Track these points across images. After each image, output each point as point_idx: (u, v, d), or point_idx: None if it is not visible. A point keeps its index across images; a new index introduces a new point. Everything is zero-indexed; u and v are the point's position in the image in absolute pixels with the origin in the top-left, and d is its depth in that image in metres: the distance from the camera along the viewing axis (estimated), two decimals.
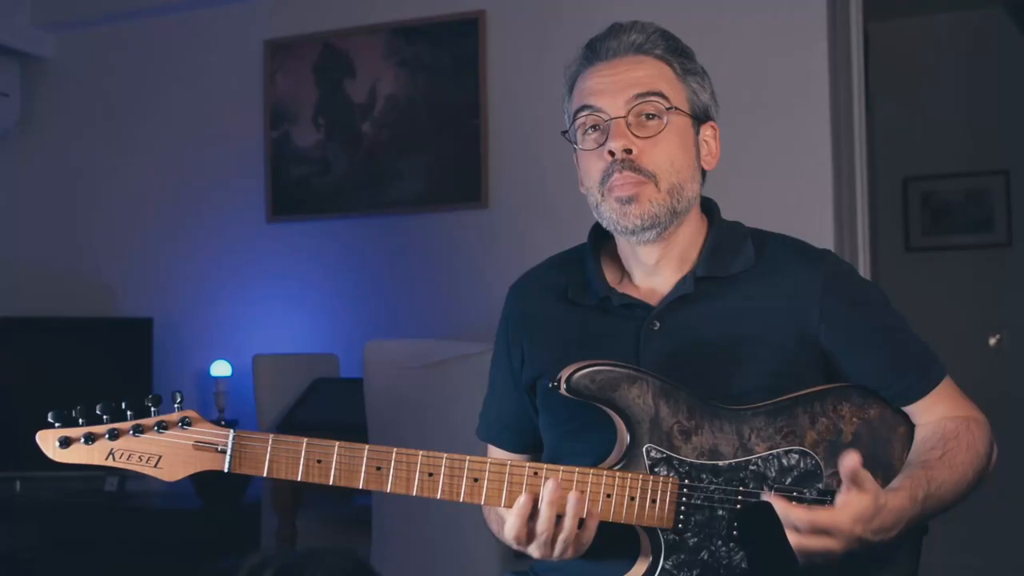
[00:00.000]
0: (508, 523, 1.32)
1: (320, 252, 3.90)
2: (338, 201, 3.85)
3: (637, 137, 1.41)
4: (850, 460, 1.24)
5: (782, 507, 1.26)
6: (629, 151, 1.41)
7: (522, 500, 1.30)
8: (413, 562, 2.61)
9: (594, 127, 1.44)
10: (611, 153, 1.41)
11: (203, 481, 3.63)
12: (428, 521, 2.58)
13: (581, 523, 1.31)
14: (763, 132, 3.28)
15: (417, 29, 3.76)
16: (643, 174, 1.41)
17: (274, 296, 3.95)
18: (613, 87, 1.43)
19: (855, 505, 1.25)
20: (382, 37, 3.81)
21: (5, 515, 3.81)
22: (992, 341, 4.60)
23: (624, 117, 1.42)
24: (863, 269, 3.43)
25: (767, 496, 1.29)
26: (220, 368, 3.85)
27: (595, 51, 1.47)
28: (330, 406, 3.27)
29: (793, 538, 1.25)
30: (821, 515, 1.25)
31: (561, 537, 1.30)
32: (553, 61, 3.48)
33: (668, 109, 1.43)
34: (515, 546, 1.36)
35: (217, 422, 1.37)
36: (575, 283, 1.53)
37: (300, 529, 3.15)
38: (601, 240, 1.56)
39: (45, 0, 4.26)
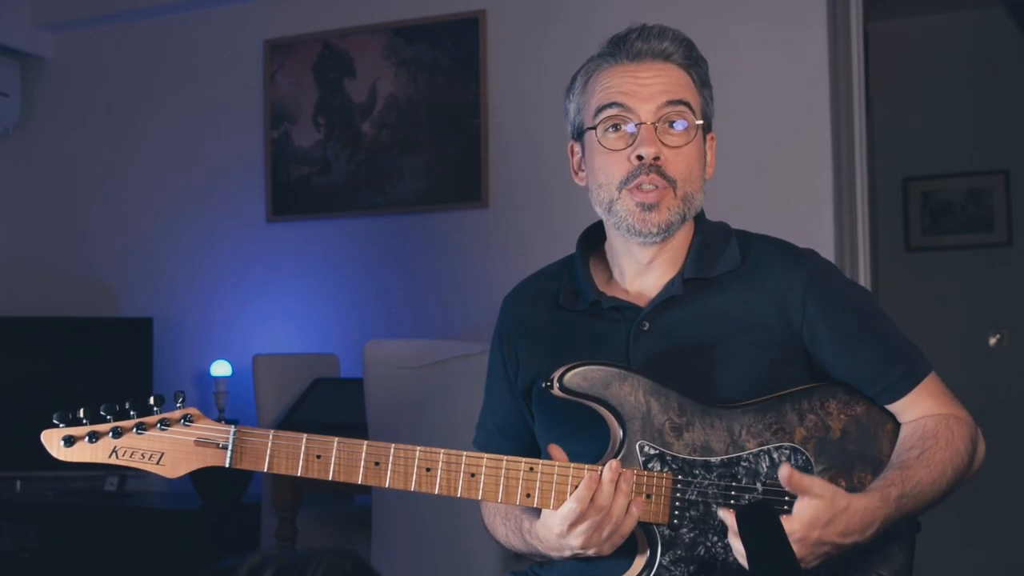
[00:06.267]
0: (566, 506, 1.31)
1: (320, 252, 3.90)
2: (338, 201, 3.85)
3: (664, 145, 1.44)
4: (783, 473, 1.28)
5: (731, 520, 1.28)
6: (657, 158, 1.43)
7: (585, 481, 1.31)
8: (413, 562, 2.61)
9: (616, 126, 1.46)
10: (639, 158, 1.43)
11: (203, 481, 3.63)
12: (428, 521, 2.58)
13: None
14: (763, 132, 3.28)
15: (417, 29, 3.76)
16: (666, 179, 1.44)
17: (274, 296, 3.95)
18: (645, 91, 1.45)
19: (807, 511, 1.28)
20: (382, 37, 3.81)
21: (5, 515, 3.81)
22: (992, 341, 4.60)
23: (654, 123, 1.44)
24: (863, 269, 3.43)
25: (722, 512, 1.30)
26: (220, 368, 3.85)
27: (622, 49, 1.48)
28: (330, 406, 3.27)
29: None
30: None
31: (612, 521, 1.31)
32: (553, 61, 3.51)
33: (693, 121, 1.46)
34: (550, 539, 1.37)
35: (217, 422, 1.38)
36: (565, 290, 1.55)
37: (300, 529, 3.15)
38: (588, 247, 1.59)
39: (45, 0, 4.26)
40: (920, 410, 1.45)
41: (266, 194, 3.97)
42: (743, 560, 1.27)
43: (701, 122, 1.48)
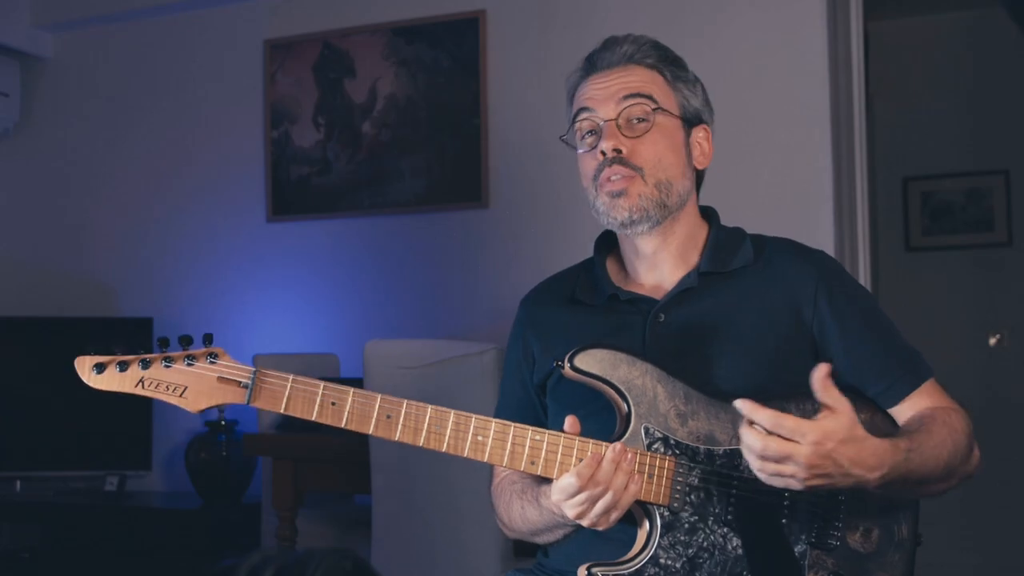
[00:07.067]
0: (565, 478, 1.33)
1: (320, 252, 3.90)
2: (338, 201, 3.85)
3: (627, 137, 1.52)
4: (821, 371, 1.27)
5: (748, 407, 1.26)
6: (619, 151, 1.51)
7: (587, 460, 1.33)
8: (413, 562, 2.61)
9: (591, 132, 1.55)
10: (603, 152, 1.51)
11: (203, 481, 3.63)
12: (428, 521, 2.58)
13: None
14: (763, 132, 3.28)
15: (417, 29, 3.76)
16: (631, 167, 1.51)
17: (274, 296, 3.95)
18: (605, 92, 1.54)
19: (828, 422, 1.26)
20: (382, 37, 3.81)
21: (5, 515, 3.81)
22: (992, 341, 4.60)
23: (615, 119, 1.52)
24: (863, 269, 3.43)
25: (738, 401, 1.28)
26: None
27: (592, 63, 1.58)
28: None
29: (757, 441, 1.25)
30: (788, 418, 1.26)
31: (609, 496, 1.32)
32: (553, 61, 3.51)
33: (655, 110, 1.53)
34: (545, 515, 1.42)
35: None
36: (583, 286, 1.61)
37: (300, 529, 3.15)
38: (606, 248, 1.65)
39: (45, 0, 4.26)
40: (918, 411, 1.48)
41: (266, 194, 3.97)
42: (748, 455, 1.27)
43: (663, 108, 1.52)
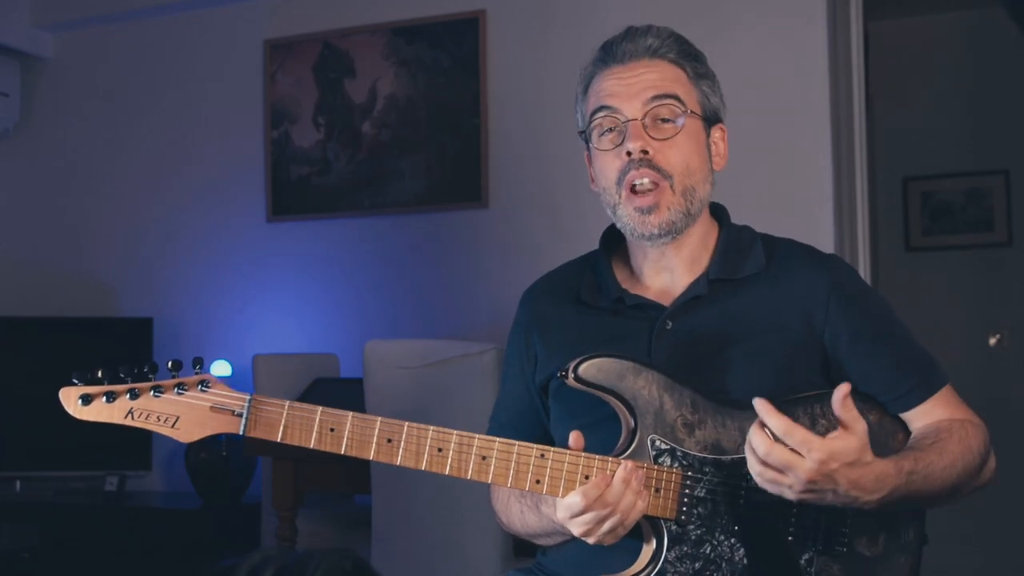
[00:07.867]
0: (570, 497, 1.31)
1: (320, 252, 3.90)
2: (338, 201, 3.85)
3: (653, 139, 1.44)
4: (841, 391, 1.24)
5: (764, 408, 1.24)
6: (646, 152, 1.44)
7: (595, 480, 1.31)
8: (413, 562, 2.61)
9: (611, 128, 1.47)
10: (628, 153, 1.44)
11: (203, 481, 3.63)
12: (428, 521, 2.58)
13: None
14: (763, 132, 3.28)
15: (417, 29, 3.76)
16: (661, 173, 1.44)
17: (274, 296, 3.95)
18: (630, 89, 1.46)
19: (838, 442, 1.24)
20: (382, 37, 3.81)
21: (5, 515, 3.81)
22: (992, 341, 4.60)
23: (641, 119, 1.45)
24: (863, 269, 3.43)
25: (756, 400, 1.25)
26: (220, 368, 3.85)
27: (611, 53, 1.50)
28: (330, 406, 3.26)
29: (763, 445, 1.24)
30: (799, 430, 1.23)
31: (617, 515, 1.31)
32: (553, 61, 3.51)
33: (684, 113, 1.46)
34: (548, 523, 1.40)
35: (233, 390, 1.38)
36: (587, 286, 1.56)
37: (300, 529, 3.15)
38: (611, 244, 1.60)
39: (45, 0, 4.26)
40: (933, 419, 1.46)
41: (266, 194, 3.97)
42: (751, 456, 1.26)
43: (690, 110, 1.47)
